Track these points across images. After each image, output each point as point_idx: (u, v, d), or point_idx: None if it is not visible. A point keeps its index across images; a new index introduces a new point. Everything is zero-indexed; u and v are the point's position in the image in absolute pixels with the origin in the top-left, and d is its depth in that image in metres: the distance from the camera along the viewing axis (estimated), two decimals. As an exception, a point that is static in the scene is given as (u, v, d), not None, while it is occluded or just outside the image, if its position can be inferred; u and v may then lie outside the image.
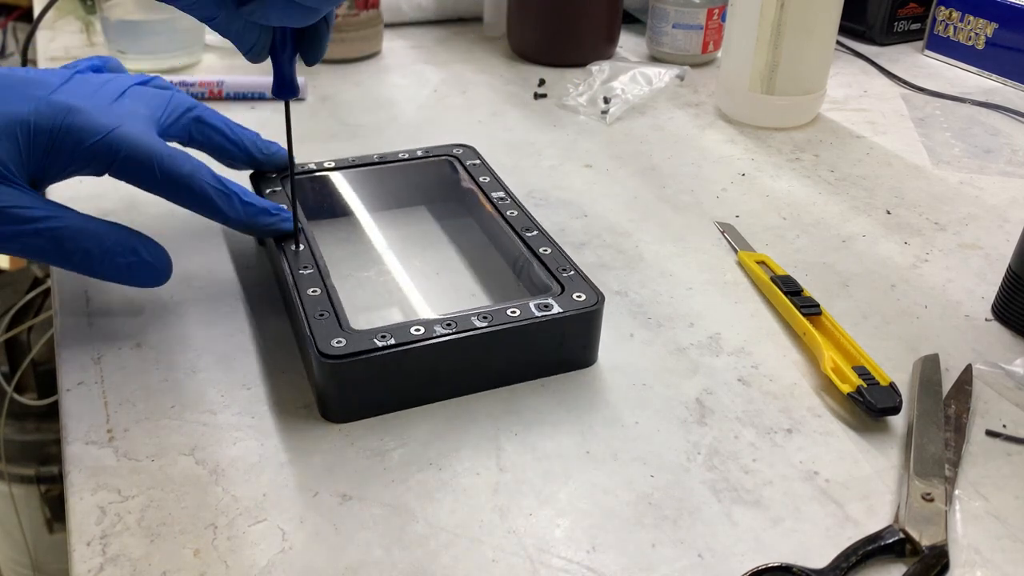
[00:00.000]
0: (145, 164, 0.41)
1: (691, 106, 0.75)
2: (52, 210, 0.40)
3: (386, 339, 0.38)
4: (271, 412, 0.40)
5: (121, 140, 0.41)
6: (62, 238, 0.40)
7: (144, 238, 0.43)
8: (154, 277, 0.43)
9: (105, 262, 0.41)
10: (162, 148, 0.42)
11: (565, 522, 0.35)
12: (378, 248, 0.52)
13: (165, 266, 0.43)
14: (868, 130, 0.71)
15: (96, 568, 0.32)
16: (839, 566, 0.33)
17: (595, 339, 0.43)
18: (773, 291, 0.48)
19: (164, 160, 0.42)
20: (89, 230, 0.41)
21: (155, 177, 0.42)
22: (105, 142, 0.40)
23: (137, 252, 0.42)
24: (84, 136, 0.40)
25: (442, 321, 0.40)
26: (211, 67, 0.79)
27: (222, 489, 0.36)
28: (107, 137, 0.40)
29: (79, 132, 0.40)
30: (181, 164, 0.42)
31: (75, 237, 0.40)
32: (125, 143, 0.41)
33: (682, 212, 0.58)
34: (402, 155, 0.55)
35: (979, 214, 0.59)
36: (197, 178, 0.43)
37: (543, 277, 0.44)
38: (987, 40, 0.82)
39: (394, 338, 0.39)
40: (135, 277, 0.42)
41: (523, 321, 0.40)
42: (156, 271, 0.43)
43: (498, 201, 0.50)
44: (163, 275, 0.43)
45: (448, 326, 0.39)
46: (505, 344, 0.40)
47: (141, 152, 0.41)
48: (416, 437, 0.39)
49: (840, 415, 0.41)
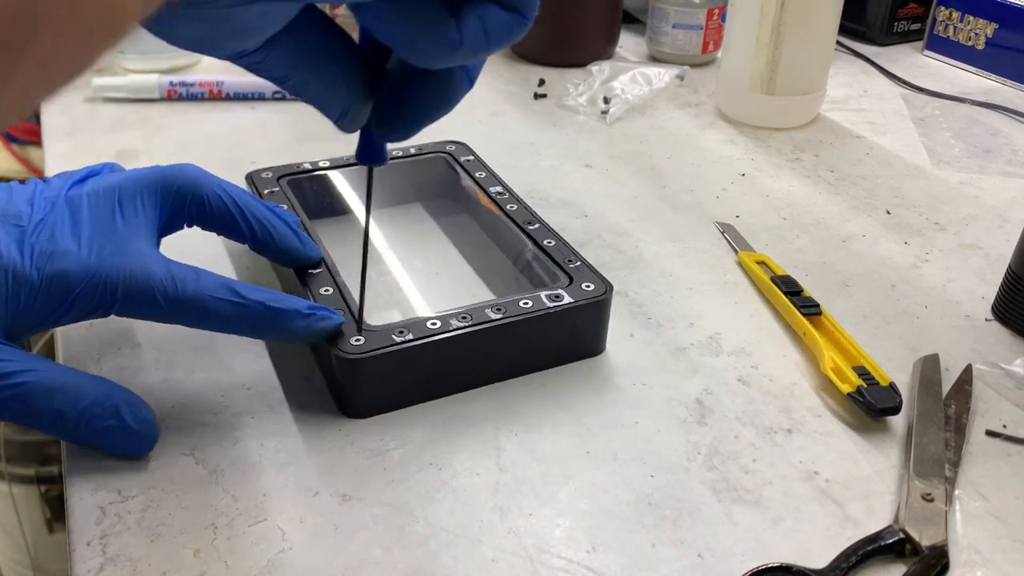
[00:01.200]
0: (146, 297, 0.36)
1: (691, 106, 0.75)
2: (22, 364, 0.34)
3: (404, 334, 0.39)
4: (271, 412, 0.40)
5: (113, 277, 0.35)
6: (30, 396, 0.34)
7: (131, 398, 0.36)
8: (134, 445, 0.36)
9: (80, 425, 0.35)
10: (159, 271, 0.36)
11: (565, 522, 0.35)
12: (377, 247, 0.52)
13: (148, 433, 0.36)
14: (868, 130, 0.71)
15: (96, 568, 0.32)
16: (839, 566, 0.33)
17: (604, 328, 0.44)
18: (773, 291, 0.48)
19: (165, 287, 0.36)
20: (64, 387, 0.34)
21: (160, 308, 0.36)
22: (94, 284, 0.35)
23: (119, 415, 0.35)
24: (70, 283, 0.35)
25: (457, 314, 0.40)
26: (211, 67, 0.79)
27: (222, 489, 0.36)
28: (95, 278, 0.35)
29: (62, 280, 0.35)
30: (185, 286, 0.36)
31: (46, 395, 0.34)
32: (120, 279, 0.36)
33: (682, 212, 0.58)
34: (395, 152, 0.55)
35: (979, 214, 0.59)
36: (207, 298, 0.37)
37: (551, 268, 0.45)
38: (987, 40, 0.82)
39: (411, 333, 0.39)
40: (112, 443, 0.36)
41: (536, 312, 0.41)
42: (138, 438, 0.36)
43: (496, 196, 0.50)
44: (145, 444, 0.37)
45: (464, 319, 0.40)
46: (519, 335, 0.41)
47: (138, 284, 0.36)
48: (416, 437, 0.39)
49: (840, 415, 0.41)
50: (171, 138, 0.66)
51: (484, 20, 0.25)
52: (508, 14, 0.26)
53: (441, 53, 0.25)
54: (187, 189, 0.40)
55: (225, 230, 0.41)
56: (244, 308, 0.37)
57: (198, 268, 0.37)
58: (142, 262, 0.36)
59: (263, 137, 0.67)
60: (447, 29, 0.25)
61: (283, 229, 0.42)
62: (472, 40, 0.25)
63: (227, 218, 0.41)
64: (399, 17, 0.25)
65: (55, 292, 0.35)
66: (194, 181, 0.40)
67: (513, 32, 0.26)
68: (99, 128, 0.67)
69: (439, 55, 0.25)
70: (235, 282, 0.37)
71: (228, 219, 0.41)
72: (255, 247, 0.42)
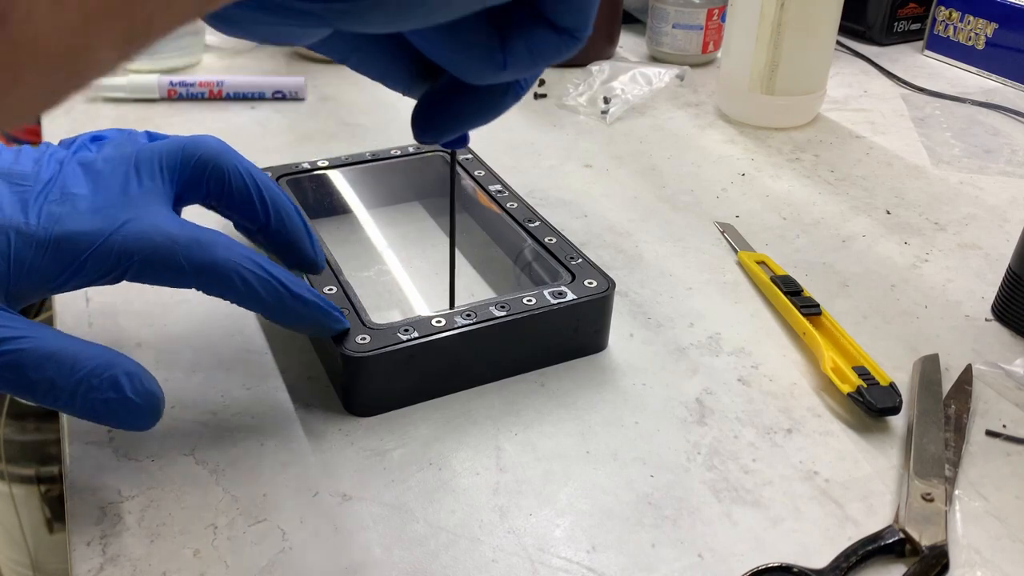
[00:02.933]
0: (170, 262, 0.34)
1: (691, 106, 0.75)
2: (19, 330, 0.32)
3: (409, 332, 0.39)
4: (271, 412, 0.40)
5: (130, 239, 0.34)
6: (22, 364, 0.31)
7: (133, 367, 0.33)
8: (135, 419, 0.33)
9: (77, 397, 0.32)
10: (184, 235, 0.35)
11: (565, 522, 0.35)
12: (377, 246, 0.52)
13: (150, 405, 0.33)
14: (868, 130, 0.71)
15: (96, 568, 0.32)
16: (839, 566, 0.33)
17: (607, 324, 0.44)
18: (773, 291, 0.48)
19: (191, 251, 0.34)
20: (59, 355, 0.32)
21: (184, 273, 0.35)
22: (108, 247, 0.34)
23: (118, 386, 0.33)
24: (80, 244, 0.33)
25: (462, 312, 0.40)
26: (211, 67, 0.79)
27: (222, 489, 0.36)
28: (110, 240, 0.34)
29: (72, 241, 0.33)
30: (214, 251, 0.35)
31: (40, 364, 0.31)
32: (137, 242, 0.34)
33: (682, 212, 0.58)
34: (394, 152, 0.55)
35: (979, 214, 0.59)
36: (235, 266, 0.35)
37: (552, 266, 0.45)
38: (987, 40, 0.82)
39: (416, 331, 0.39)
40: (111, 416, 0.33)
41: (540, 309, 0.41)
42: (138, 412, 0.33)
43: (496, 194, 0.50)
44: (147, 417, 0.34)
45: (468, 316, 0.40)
46: (523, 332, 0.41)
47: (160, 249, 0.34)
48: (416, 437, 0.39)
49: (840, 415, 0.41)
50: (171, 138, 0.66)
51: (530, 42, 0.24)
52: (558, 36, 0.25)
53: (486, 73, 0.25)
54: (208, 160, 0.38)
55: (239, 210, 0.40)
56: (268, 284, 0.36)
57: (220, 233, 0.36)
58: (162, 225, 0.35)
59: (263, 137, 0.67)
60: (492, 52, 0.24)
61: (298, 222, 0.41)
62: (517, 62, 0.25)
63: (244, 196, 0.39)
64: (443, 39, 0.24)
65: (64, 253, 0.33)
66: (216, 153, 0.39)
67: (561, 53, 0.25)
68: (99, 128, 0.67)
69: (484, 74, 0.25)
70: (260, 256, 0.36)
71: (245, 197, 0.39)
72: (264, 236, 0.40)
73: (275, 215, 0.40)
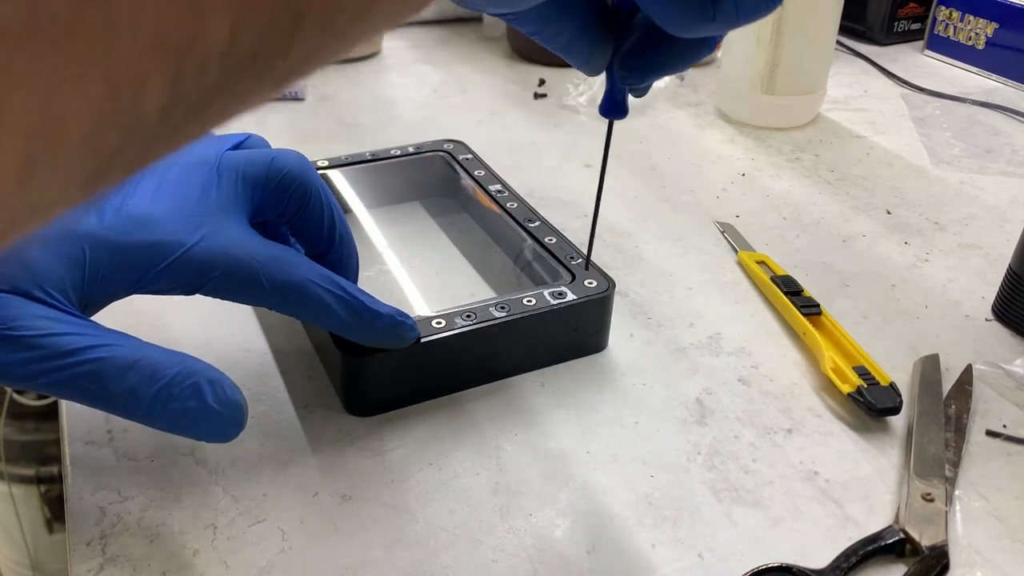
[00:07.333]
0: (250, 279, 0.34)
1: (691, 106, 0.75)
2: (98, 338, 0.31)
3: None
4: (271, 412, 0.40)
5: (212, 253, 0.33)
6: (103, 374, 0.30)
7: (217, 376, 0.32)
8: (217, 429, 0.32)
9: (156, 406, 0.31)
10: (263, 252, 0.34)
11: (565, 522, 0.35)
12: (377, 246, 0.52)
13: (234, 417, 0.32)
14: (868, 130, 0.71)
15: (96, 568, 0.32)
16: (839, 566, 0.33)
17: (607, 324, 0.44)
18: (773, 291, 0.48)
19: (271, 269, 0.34)
20: (141, 364, 0.31)
21: (263, 291, 0.34)
22: (187, 259, 0.33)
23: (200, 395, 0.31)
24: (158, 254, 0.33)
25: (462, 312, 0.40)
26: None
27: (222, 489, 0.36)
28: (190, 252, 0.33)
29: (150, 250, 0.32)
30: (293, 270, 0.34)
31: (122, 374, 0.30)
32: (218, 256, 0.33)
33: (682, 212, 0.58)
34: (394, 152, 0.55)
35: (979, 214, 0.59)
36: (314, 286, 0.35)
37: (552, 266, 0.45)
38: (987, 40, 0.82)
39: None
40: (191, 427, 0.31)
41: (540, 309, 0.41)
42: (219, 422, 0.32)
43: (496, 194, 0.50)
44: (229, 428, 0.32)
45: (468, 317, 0.40)
46: (523, 332, 0.41)
47: (240, 265, 0.33)
48: (416, 437, 0.39)
49: (840, 415, 0.41)
50: (171, 138, 0.66)
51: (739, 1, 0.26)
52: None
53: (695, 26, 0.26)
54: (293, 179, 0.37)
55: (305, 235, 0.39)
56: (346, 304, 0.35)
57: (293, 251, 0.36)
58: (242, 240, 0.34)
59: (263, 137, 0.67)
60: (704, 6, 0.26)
61: (355, 258, 0.41)
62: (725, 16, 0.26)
63: (316, 223, 0.38)
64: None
65: (140, 262, 0.32)
66: (301, 172, 0.37)
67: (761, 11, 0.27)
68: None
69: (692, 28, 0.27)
70: (333, 274, 0.36)
71: (317, 224, 0.38)
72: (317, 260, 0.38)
73: (338, 246, 0.40)
